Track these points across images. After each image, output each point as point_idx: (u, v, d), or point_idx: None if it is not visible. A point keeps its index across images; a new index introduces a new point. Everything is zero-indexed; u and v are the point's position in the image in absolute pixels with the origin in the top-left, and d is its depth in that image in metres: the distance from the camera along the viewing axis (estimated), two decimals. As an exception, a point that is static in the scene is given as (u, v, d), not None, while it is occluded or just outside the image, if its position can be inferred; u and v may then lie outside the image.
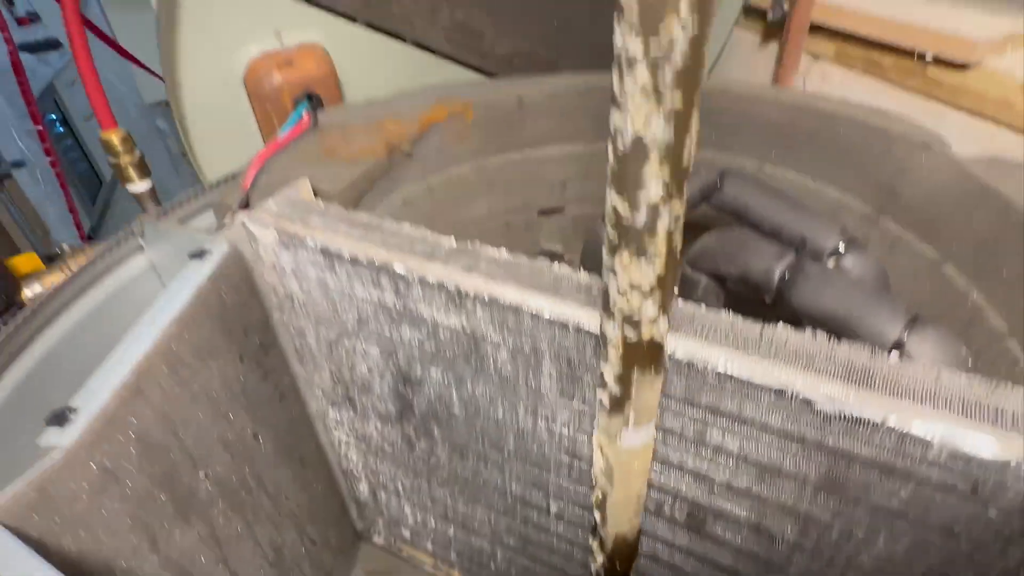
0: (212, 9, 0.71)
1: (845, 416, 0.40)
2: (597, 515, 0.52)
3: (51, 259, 0.83)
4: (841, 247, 0.62)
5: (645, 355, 0.37)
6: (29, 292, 0.80)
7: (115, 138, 0.80)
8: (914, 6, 0.94)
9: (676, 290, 0.36)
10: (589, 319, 0.47)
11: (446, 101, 0.80)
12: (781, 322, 0.62)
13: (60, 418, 0.41)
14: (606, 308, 0.37)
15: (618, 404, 0.40)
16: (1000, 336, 0.58)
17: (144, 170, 0.84)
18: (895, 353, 0.41)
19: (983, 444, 0.37)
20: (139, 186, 0.84)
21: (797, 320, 0.65)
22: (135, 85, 3.32)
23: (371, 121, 0.77)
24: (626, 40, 0.25)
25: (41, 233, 2.99)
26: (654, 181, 0.29)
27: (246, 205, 0.70)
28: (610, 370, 0.39)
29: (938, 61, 0.87)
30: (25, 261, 0.83)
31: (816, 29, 1.05)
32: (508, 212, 0.93)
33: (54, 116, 3.66)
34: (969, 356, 0.52)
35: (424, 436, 0.70)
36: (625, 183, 0.30)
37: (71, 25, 0.69)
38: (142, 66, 2.98)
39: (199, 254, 0.56)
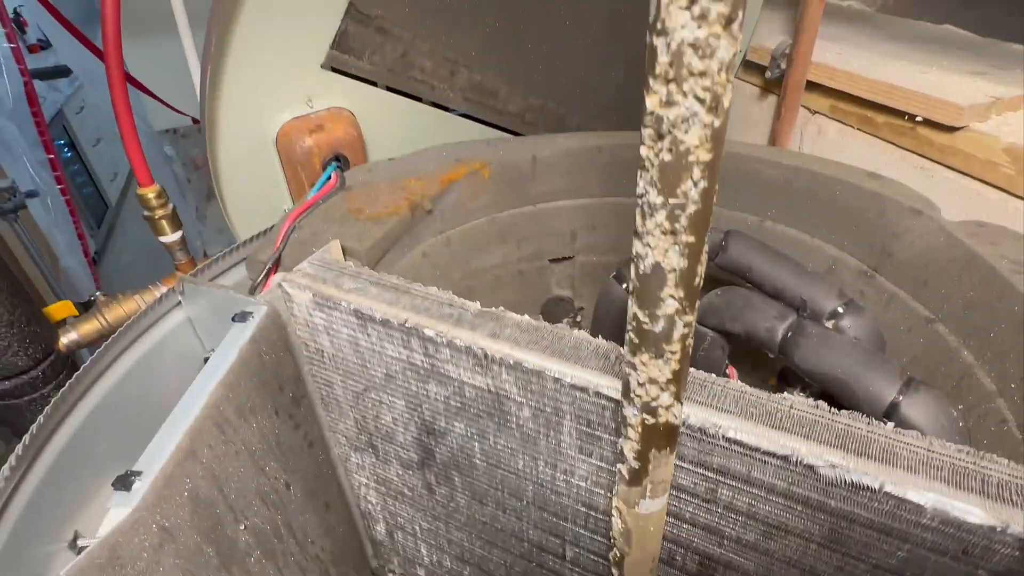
0: (252, 79, 0.76)
1: (845, 482, 0.44)
2: (615, 572, 0.56)
3: (86, 307, 0.87)
4: (840, 309, 0.66)
5: (661, 436, 0.41)
6: (65, 339, 0.84)
7: (151, 194, 0.85)
8: (905, 70, 0.99)
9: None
10: (607, 384, 0.51)
11: (465, 161, 0.85)
12: (786, 386, 0.66)
13: (126, 482, 0.44)
14: (627, 396, 0.41)
15: (636, 477, 0.44)
16: (990, 395, 0.61)
17: (176, 223, 0.89)
18: (891, 424, 0.45)
19: (971, 511, 0.41)
20: (171, 237, 0.89)
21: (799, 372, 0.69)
22: (145, 113, 3.40)
23: (395, 181, 0.82)
24: (649, 191, 0.30)
25: (50, 260, 3.03)
26: (670, 299, 0.33)
27: (278, 262, 0.74)
28: (630, 447, 0.43)
29: (928, 122, 0.92)
30: (60, 309, 0.87)
31: (813, 85, 1.11)
32: (521, 261, 0.98)
33: (62, 141, 3.73)
34: (960, 418, 0.56)
35: (444, 483, 0.73)
36: (646, 299, 0.34)
37: (115, 90, 0.74)
38: (152, 95, 3.06)
39: (241, 317, 0.60)
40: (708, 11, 0.24)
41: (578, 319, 0.95)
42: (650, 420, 0.40)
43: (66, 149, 3.78)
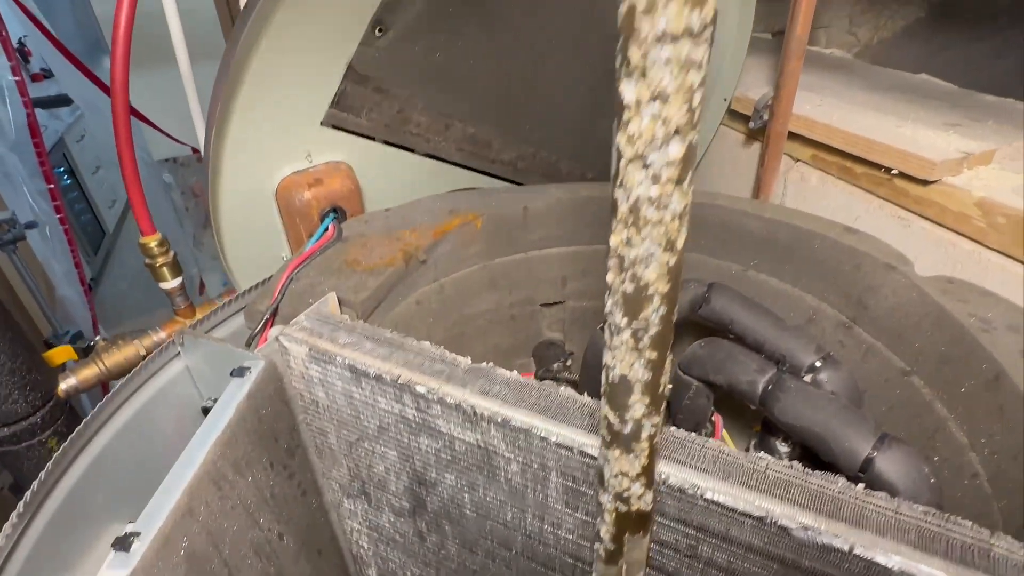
0: (255, 137, 0.79)
1: (817, 544, 0.46)
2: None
3: (85, 351, 0.89)
4: (817, 363, 0.68)
5: (633, 522, 0.44)
6: (64, 385, 0.86)
7: (153, 243, 0.87)
8: (881, 123, 1.04)
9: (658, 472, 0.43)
10: (591, 444, 0.53)
11: (458, 212, 0.88)
12: (769, 435, 0.68)
13: (125, 543, 0.45)
14: (601, 484, 0.44)
15: (612, 557, 0.47)
16: (962, 449, 0.64)
17: (176, 269, 0.92)
18: (862, 484, 0.47)
19: (935, 574, 0.43)
20: (171, 283, 0.91)
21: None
22: (144, 143, 3.46)
23: (390, 232, 0.84)
24: (615, 312, 0.33)
25: (46, 289, 3.04)
26: (637, 404, 0.37)
27: (275, 313, 0.76)
28: (606, 530, 0.45)
29: (903, 174, 0.96)
30: (59, 353, 0.88)
31: (794, 134, 1.15)
32: (513, 306, 1.00)
33: (62, 169, 3.77)
34: (932, 473, 0.58)
35: (435, 531, 0.74)
36: (615, 403, 0.38)
37: (122, 147, 0.77)
38: (152, 125, 3.11)
39: (239, 372, 0.62)
40: (660, 174, 0.28)
41: (568, 363, 0.97)
42: (623, 508, 0.43)
43: (66, 176, 3.83)
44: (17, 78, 2.95)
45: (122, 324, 3.57)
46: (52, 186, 3.21)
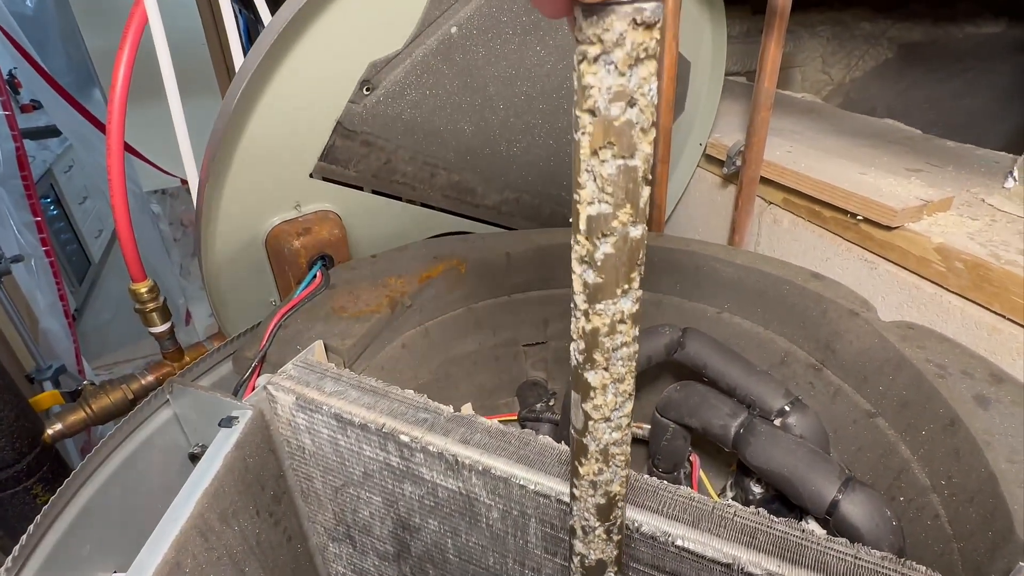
0: (246, 190, 0.82)
1: (782, 589, 0.48)
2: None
3: (73, 396, 0.89)
4: (786, 407, 0.71)
5: None
6: (51, 431, 0.86)
7: (143, 289, 0.89)
8: (846, 170, 1.09)
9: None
10: (568, 492, 0.55)
11: (443, 258, 0.91)
12: (744, 476, 0.71)
13: (113, 599, 0.47)
14: None
15: None
16: (924, 490, 0.66)
17: (166, 314, 0.93)
18: (824, 531, 0.50)
19: (892, 618, 0.45)
20: (160, 328, 0.93)
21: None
22: (134, 175, 3.47)
23: (376, 279, 0.87)
24: (588, 518, 0.41)
25: (29, 322, 3.01)
26: (610, 573, 0.45)
27: (263, 360, 0.78)
28: None
29: (867, 220, 1.01)
30: (46, 399, 0.89)
31: (766, 179, 1.20)
32: (496, 347, 1.03)
33: (48, 199, 3.77)
34: (894, 516, 0.61)
35: (419, 575, 0.75)
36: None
37: (116, 200, 0.80)
38: (142, 158, 3.13)
39: (227, 421, 0.64)
40: (620, 424, 0.37)
41: (551, 403, 0.99)
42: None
43: (52, 207, 3.82)
44: (7, 112, 2.97)
45: (105, 355, 3.54)
46: (39, 219, 3.21)
